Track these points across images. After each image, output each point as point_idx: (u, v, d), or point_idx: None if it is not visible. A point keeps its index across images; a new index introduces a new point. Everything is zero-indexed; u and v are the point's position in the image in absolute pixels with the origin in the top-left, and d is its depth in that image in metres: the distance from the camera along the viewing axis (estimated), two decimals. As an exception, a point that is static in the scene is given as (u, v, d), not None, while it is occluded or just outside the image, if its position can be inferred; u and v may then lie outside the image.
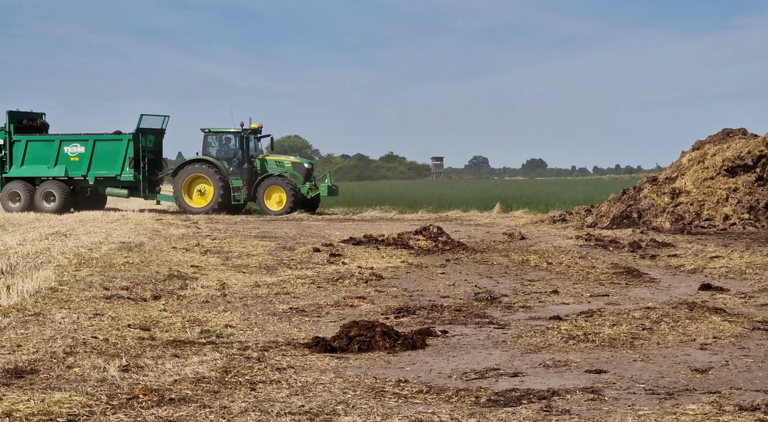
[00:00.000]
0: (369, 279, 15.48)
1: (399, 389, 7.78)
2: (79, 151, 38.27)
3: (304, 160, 39.36)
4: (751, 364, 8.65)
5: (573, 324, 10.72)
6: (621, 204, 29.76)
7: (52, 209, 37.46)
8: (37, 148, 38.73)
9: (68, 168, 38.30)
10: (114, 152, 38.16)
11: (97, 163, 38.19)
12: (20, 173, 38.62)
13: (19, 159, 38.69)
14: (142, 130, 38.17)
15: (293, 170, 37.98)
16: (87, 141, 38.41)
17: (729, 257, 18.09)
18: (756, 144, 29.32)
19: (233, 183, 37.28)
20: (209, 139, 38.14)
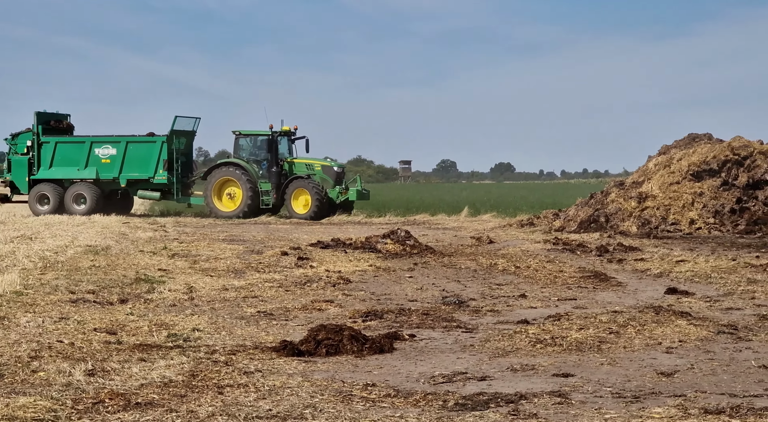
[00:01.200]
0: (337, 282, 15.46)
1: (366, 393, 7.77)
2: (110, 153, 37.64)
3: (334, 163, 37.78)
4: (716, 368, 8.71)
5: (541, 328, 10.75)
6: (588, 208, 29.91)
7: (83, 211, 36.89)
8: (67, 149, 38.09)
9: (99, 170, 37.63)
10: (147, 154, 37.47)
11: (130, 165, 37.51)
12: (49, 175, 37.99)
13: (47, 161, 38.06)
14: (176, 132, 37.53)
15: (323, 173, 36.98)
16: (119, 143, 37.75)
17: (695, 261, 18.21)
18: (721, 149, 29.55)
19: (262, 186, 36.51)
20: (240, 142, 37.33)
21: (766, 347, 9.75)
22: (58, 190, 37.75)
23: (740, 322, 11.31)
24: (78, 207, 37.24)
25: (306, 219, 35.16)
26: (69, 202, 37.42)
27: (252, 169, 36.57)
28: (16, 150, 38.85)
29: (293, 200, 36.20)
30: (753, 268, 16.90)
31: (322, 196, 35.94)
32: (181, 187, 37.81)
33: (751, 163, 28.92)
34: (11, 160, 39.04)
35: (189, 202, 38.75)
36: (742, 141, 29.95)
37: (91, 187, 37.53)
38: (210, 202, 37.05)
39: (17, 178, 38.75)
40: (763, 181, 28.34)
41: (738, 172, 28.80)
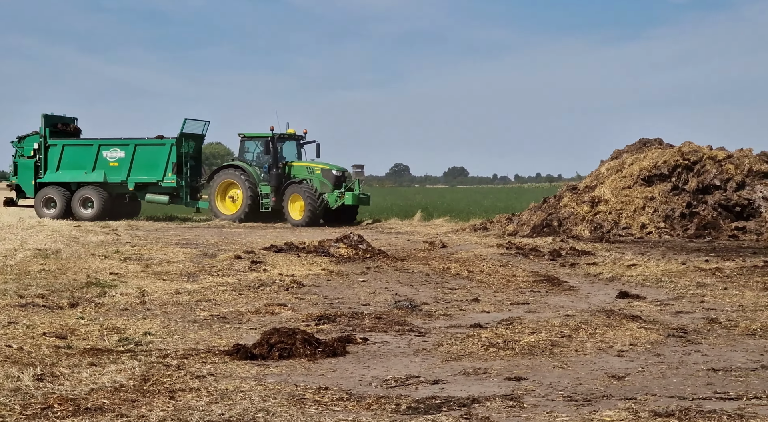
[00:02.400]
0: (290, 286, 15.44)
1: (319, 396, 7.76)
2: (118, 156, 37.09)
3: (334, 167, 36.04)
4: (666, 371, 8.79)
5: (493, 332, 10.80)
6: (541, 212, 30.07)
7: (90, 216, 36.40)
8: (74, 152, 37.51)
9: (107, 173, 37.08)
10: (156, 157, 36.87)
11: (138, 168, 36.94)
12: (56, 178, 37.42)
13: (54, 164, 37.49)
14: (185, 135, 36.97)
15: (322, 177, 35.54)
16: (128, 145, 37.18)
17: (645, 265, 18.37)
18: (671, 154, 29.84)
19: (262, 189, 35.58)
20: (246, 144, 36.50)
21: (715, 350, 9.85)
22: (65, 193, 37.18)
23: (690, 326, 11.42)
24: (85, 211, 36.71)
25: (300, 226, 34.21)
26: (76, 205, 36.87)
27: (254, 171, 35.77)
28: (22, 153, 38.28)
29: (290, 205, 35.25)
30: (702, 272, 17.07)
31: (316, 201, 34.65)
32: (189, 190, 37.24)
33: (700, 168, 29.22)
34: (17, 163, 38.44)
35: (197, 206, 38.03)
36: (692, 146, 30.26)
37: (98, 190, 36.95)
38: (213, 205, 36.35)
39: (23, 182, 38.17)
40: (712, 185, 28.65)
41: (688, 176, 29.10)
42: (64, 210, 36.87)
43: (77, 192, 37.10)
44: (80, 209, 36.84)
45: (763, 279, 15.96)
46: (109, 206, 36.98)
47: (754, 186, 28.44)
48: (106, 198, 36.91)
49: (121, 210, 37.74)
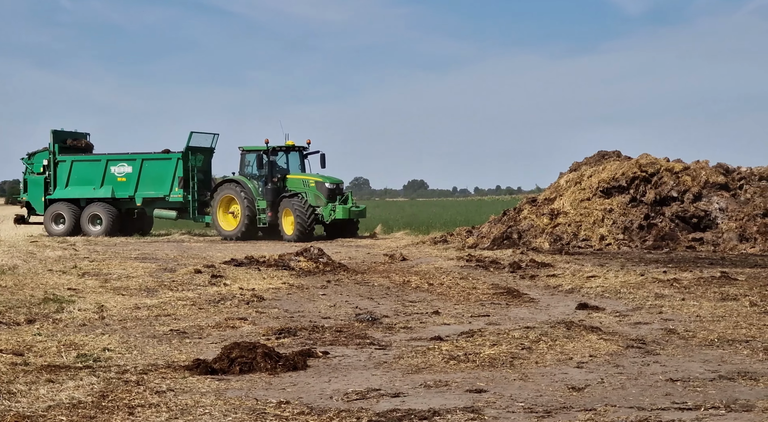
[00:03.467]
0: (250, 300, 15.39)
1: (280, 411, 7.74)
2: (126, 171, 36.49)
3: (328, 179, 34.47)
4: (625, 382, 8.84)
5: (454, 345, 10.82)
6: (501, 225, 30.17)
7: (99, 232, 35.80)
8: (83, 168, 36.95)
9: (115, 188, 36.49)
10: (162, 172, 36.21)
11: (145, 183, 36.32)
12: (65, 195, 36.87)
13: (63, 180, 36.98)
14: (192, 149, 36.21)
15: (316, 190, 34.09)
16: (134, 160, 36.54)
17: (605, 276, 18.48)
18: (629, 166, 30.07)
19: (259, 204, 34.31)
20: (246, 158, 35.23)
21: (673, 361, 9.93)
22: (74, 209, 36.62)
23: (648, 336, 11.49)
24: (93, 227, 36.13)
25: (291, 241, 32.67)
26: (85, 222, 36.32)
27: (253, 186, 34.55)
28: (32, 169, 37.79)
29: (284, 219, 33.89)
30: (660, 283, 17.19)
31: (305, 215, 33.20)
32: (198, 205, 36.40)
33: (658, 179, 29.46)
34: (27, 180, 37.94)
35: (205, 221, 36.97)
36: (650, 158, 30.51)
37: (106, 206, 36.36)
38: (215, 220, 35.35)
39: (33, 198, 37.67)
40: (669, 197, 28.88)
41: (646, 188, 29.32)
42: (73, 227, 36.33)
43: (86, 208, 36.55)
44: (89, 226, 36.27)
45: (720, 290, 16.10)
46: (118, 222, 36.39)
47: (710, 197, 28.70)
48: (114, 214, 36.30)
49: (132, 226, 37.17)
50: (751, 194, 28.63)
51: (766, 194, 28.36)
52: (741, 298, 14.93)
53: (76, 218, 36.48)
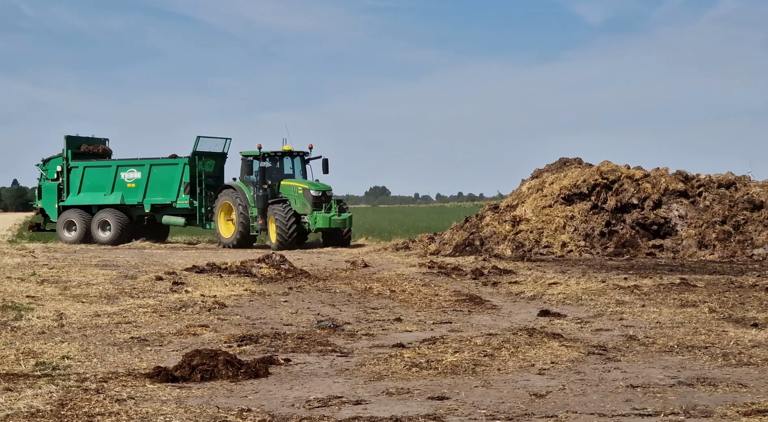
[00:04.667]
0: (212, 307, 15.31)
1: (242, 418, 7.70)
2: (135, 177, 35.91)
3: (314, 186, 33.20)
4: (586, 388, 8.87)
5: (416, 352, 10.82)
6: (464, 231, 30.25)
7: (108, 239, 35.27)
8: (95, 174, 36.43)
9: (125, 195, 35.93)
10: (169, 177, 35.55)
11: (153, 188, 35.70)
12: (77, 201, 36.39)
13: (76, 186, 36.49)
14: (200, 154, 35.57)
15: (303, 197, 32.93)
16: (143, 166, 35.97)
17: (566, 283, 18.56)
18: (591, 173, 30.25)
19: (252, 211, 33.28)
20: (246, 164, 34.21)
21: (633, 367, 9.98)
22: (85, 216, 36.14)
23: (609, 343, 11.55)
24: (103, 234, 35.59)
25: (275, 250, 30.31)
26: (95, 229, 35.80)
27: (248, 192, 33.57)
28: (46, 176, 37.28)
29: (270, 226, 33.08)
30: (621, 290, 17.29)
31: (286, 223, 32.26)
32: (205, 212, 35.57)
33: (619, 186, 29.66)
34: (42, 187, 37.47)
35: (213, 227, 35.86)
36: (611, 165, 30.72)
37: (116, 213, 35.76)
38: (216, 228, 34.61)
39: (47, 205, 37.26)
40: (630, 204, 29.07)
41: (607, 195, 29.51)
42: (84, 233, 35.83)
43: (96, 215, 36.05)
44: (98, 232, 35.76)
45: (679, 296, 16.23)
46: (128, 229, 35.82)
47: (670, 204, 28.92)
48: (124, 221, 35.71)
49: (146, 233, 36.59)
50: (709, 201, 28.88)
51: (724, 201, 28.62)
52: (700, 305, 15.05)
53: (87, 225, 35.94)
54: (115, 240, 35.25)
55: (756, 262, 24.63)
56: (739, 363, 10.14)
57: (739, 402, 8.13)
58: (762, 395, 8.46)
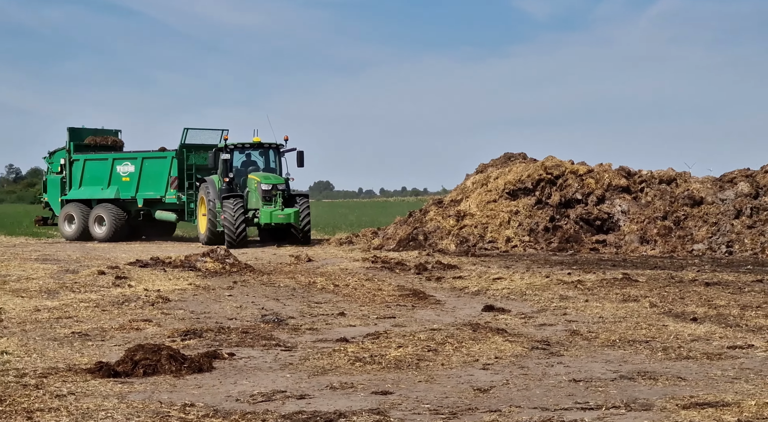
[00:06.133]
0: (155, 301, 15.20)
1: (184, 413, 7.65)
2: (129, 170, 34.80)
3: (265, 179, 30.93)
4: (529, 383, 8.92)
5: (360, 346, 10.82)
6: (407, 226, 30.29)
7: (103, 235, 34.26)
8: (94, 167, 35.38)
9: (120, 189, 34.82)
10: (160, 171, 34.39)
11: (145, 182, 34.56)
12: (78, 195, 35.43)
13: (77, 179, 35.54)
14: (188, 146, 34.16)
15: (256, 191, 30.85)
16: (136, 159, 34.86)
17: (511, 279, 18.65)
18: (535, 168, 30.44)
19: (218, 206, 31.07)
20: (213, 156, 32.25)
21: (576, 362, 10.06)
22: (84, 210, 35.13)
23: (552, 338, 11.63)
24: (99, 230, 34.59)
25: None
26: (91, 224, 34.79)
27: (219, 186, 31.48)
28: (52, 169, 36.45)
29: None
30: (565, 285, 17.42)
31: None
32: (194, 206, 33.87)
33: (563, 182, 29.88)
34: (47, 180, 36.69)
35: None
36: (555, 160, 30.93)
37: (110, 207, 34.66)
38: (197, 222, 33.11)
39: (52, 199, 36.36)
40: (574, 199, 29.31)
41: (551, 190, 29.72)
42: (83, 228, 34.93)
43: (93, 210, 35.09)
44: (95, 227, 34.76)
45: (622, 291, 16.38)
46: (124, 225, 34.77)
47: (613, 200, 29.20)
48: (119, 216, 34.61)
49: (151, 229, 35.69)
50: (651, 197, 29.19)
51: (665, 197, 28.94)
52: (641, 299, 15.21)
53: (85, 219, 35.06)
54: (109, 237, 34.29)
55: (695, 257, 24.93)
56: (679, 357, 10.27)
57: (678, 396, 8.23)
58: (700, 388, 8.57)
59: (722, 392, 8.37)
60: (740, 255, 25.36)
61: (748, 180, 28.94)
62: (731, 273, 19.76)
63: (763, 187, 28.34)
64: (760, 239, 25.92)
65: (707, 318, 13.09)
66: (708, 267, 21.51)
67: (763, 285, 17.39)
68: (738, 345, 10.86)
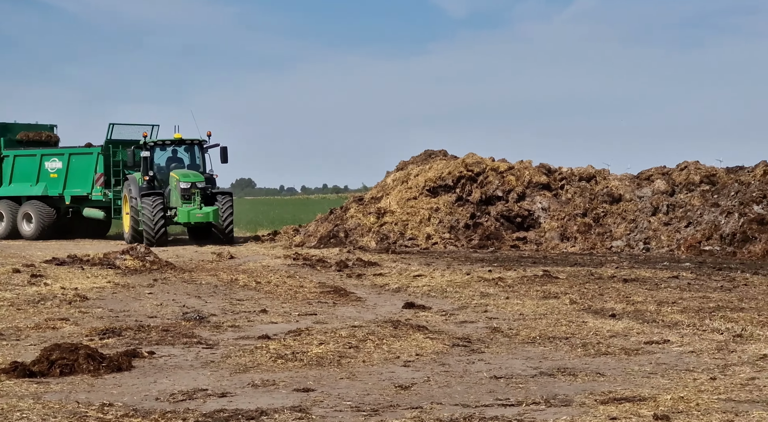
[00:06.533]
0: (73, 300, 14.98)
1: (102, 413, 7.55)
2: (57, 167, 33.57)
3: (184, 176, 29.71)
4: (450, 380, 8.97)
5: (281, 343, 10.78)
6: (328, 223, 30.27)
7: (30, 233, 33.09)
8: (23, 163, 34.14)
9: (48, 185, 33.61)
10: (86, 167, 33.21)
11: (72, 179, 33.36)
12: (7, 192, 34.13)
13: (8, 176, 34.23)
14: (115, 142, 32.92)
15: (176, 189, 29.62)
16: (63, 155, 33.71)
17: (431, 275, 18.73)
18: (456, 165, 30.61)
19: (138, 204, 29.72)
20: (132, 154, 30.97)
21: (497, 358, 10.13)
22: (14, 208, 33.94)
23: (473, 335, 11.70)
24: (27, 228, 33.44)
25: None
26: (20, 221, 33.64)
27: (139, 184, 30.27)
28: None
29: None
30: (486, 282, 17.54)
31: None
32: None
33: (483, 179, 30.09)
34: None
35: None
36: (475, 158, 31.13)
37: (38, 205, 33.52)
38: (122, 221, 31.69)
39: None
40: (494, 197, 29.53)
41: (472, 188, 29.91)
42: (11, 227, 33.83)
43: (21, 207, 33.99)
44: (23, 225, 33.68)
45: (542, 288, 16.54)
46: (52, 222, 33.64)
47: (533, 197, 29.48)
48: (47, 213, 33.51)
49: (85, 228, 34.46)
50: (571, 194, 29.54)
51: (585, 194, 29.31)
52: (561, 296, 15.38)
53: (14, 217, 33.97)
54: (37, 235, 33.33)
55: (614, 254, 25.28)
56: (598, 353, 10.40)
57: (597, 391, 8.33)
58: (618, 384, 8.69)
59: (639, 387, 8.51)
60: (657, 252, 25.77)
61: (665, 177, 29.43)
62: (648, 269, 20.06)
63: (678, 184, 28.84)
64: (676, 236, 26.37)
65: (625, 314, 13.28)
66: (626, 263, 21.81)
67: (678, 281, 17.70)
68: (654, 341, 11.04)
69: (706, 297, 15.22)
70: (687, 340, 11.06)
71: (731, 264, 21.87)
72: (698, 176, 28.78)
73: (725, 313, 13.19)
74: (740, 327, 11.83)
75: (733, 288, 16.62)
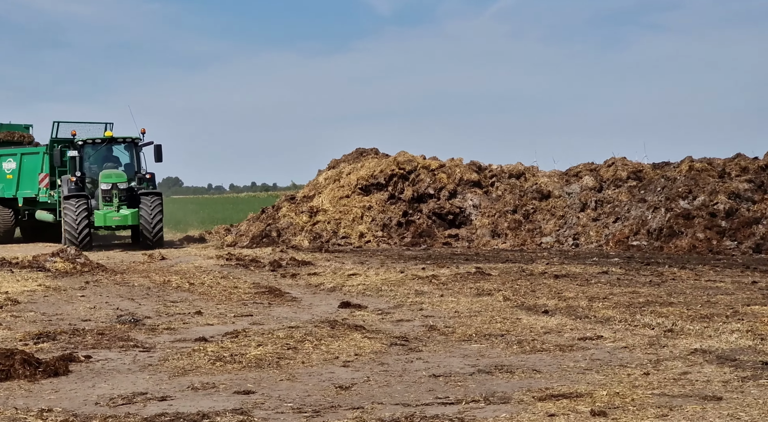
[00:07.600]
0: (4, 304, 14.79)
1: (42, 419, 7.51)
2: (12, 167, 32.30)
3: (106, 177, 28.74)
4: (390, 379, 9.04)
5: (219, 346, 10.77)
6: (260, 223, 30.23)
7: None
8: None
9: (4, 187, 32.34)
10: (35, 168, 31.90)
11: (24, 180, 32.08)
12: None
13: None
14: (62, 141, 30.98)
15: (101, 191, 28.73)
16: (16, 155, 32.42)
17: (366, 274, 18.79)
18: (388, 163, 30.74)
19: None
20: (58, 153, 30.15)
21: (435, 357, 10.22)
22: None
23: (411, 333, 11.78)
24: None
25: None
26: None
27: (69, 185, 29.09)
28: None
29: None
30: (420, 280, 17.65)
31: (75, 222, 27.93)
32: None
33: (415, 177, 30.26)
34: None
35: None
36: (407, 156, 31.29)
37: None
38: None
39: None
40: (426, 194, 29.71)
41: (404, 185, 30.06)
42: None
43: None
44: None
45: (475, 285, 16.69)
46: (10, 225, 32.57)
47: (465, 194, 29.72)
48: (5, 215, 32.38)
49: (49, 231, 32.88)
50: (502, 191, 29.83)
51: (515, 191, 29.59)
52: (495, 293, 15.54)
53: None
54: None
55: (544, 250, 25.59)
56: (533, 349, 10.54)
57: (534, 388, 8.46)
58: (555, 380, 8.83)
59: (575, 383, 8.65)
60: (586, 248, 26.13)
61: (593, 174, 29.85)
62: (578, 265, 20.34)
63: (606, 180, 29.27)
64: (605, 231, 26.75)
65: (558, 311, 13.46)
66: (556, 259, 22.09)
67: (608, 276, 17.97)
68: (588, 337, 11.22)
69: (635, 292, 15.49)
70: (619, 336, 11.25)
71: (659, 258, 22.26)
72: (625, 172, 29.25)
73: (655, 308, 13.45)
74: (670, 322, 12.06)
75: (662, 282, 16.94)
